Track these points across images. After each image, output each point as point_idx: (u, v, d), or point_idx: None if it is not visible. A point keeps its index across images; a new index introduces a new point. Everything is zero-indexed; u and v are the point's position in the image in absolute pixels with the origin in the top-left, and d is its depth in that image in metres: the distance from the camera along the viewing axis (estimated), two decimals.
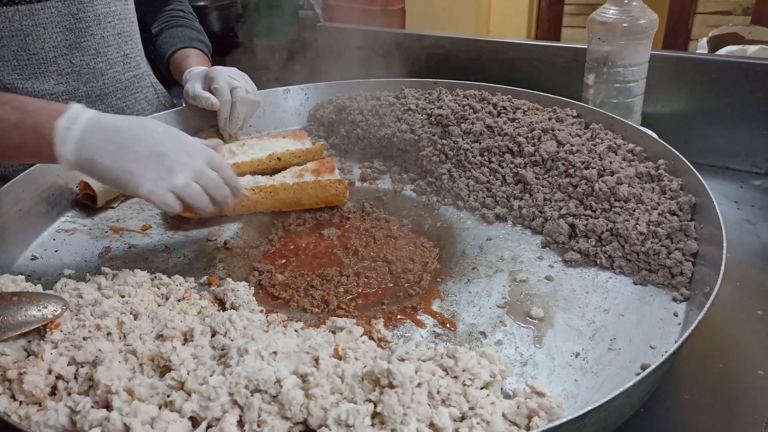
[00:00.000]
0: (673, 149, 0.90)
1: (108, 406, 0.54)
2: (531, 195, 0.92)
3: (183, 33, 1.29)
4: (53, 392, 0.59)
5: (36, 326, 0.63)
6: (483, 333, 0.71)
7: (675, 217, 0.80)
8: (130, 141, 0.73)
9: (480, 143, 1.01)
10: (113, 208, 1.01)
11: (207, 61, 1.27)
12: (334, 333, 0.67)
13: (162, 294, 0.75)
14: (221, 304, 0.75)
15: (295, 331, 0.67)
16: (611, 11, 1.09)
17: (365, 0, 2.50)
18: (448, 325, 0.72)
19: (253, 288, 0.79)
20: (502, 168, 0.97)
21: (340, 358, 0.60)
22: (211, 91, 1.10)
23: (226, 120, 1.10)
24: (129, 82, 1.22)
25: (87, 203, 1.00)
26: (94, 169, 0.73)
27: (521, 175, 0.94)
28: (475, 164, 0.99)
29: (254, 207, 0.98)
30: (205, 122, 1.19)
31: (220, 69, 1.12)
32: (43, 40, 1.04)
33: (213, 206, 0.79)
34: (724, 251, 0.68)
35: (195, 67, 1.18)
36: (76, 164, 0.73)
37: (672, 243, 0.77)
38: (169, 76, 1.30)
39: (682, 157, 0.87)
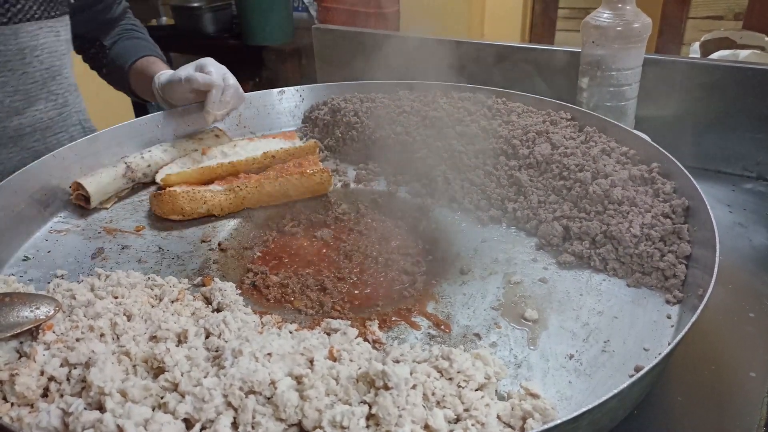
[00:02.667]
0: (666, 152, 0.90)
1: (101, 408, 0.54)
2: (525, 197, 0.92)
3: (140, 44, 1.29)
4: (45, 394, 0.58)
5: (28, 327, 0.62)
6: (477, 335, 0.71)
7: (668, 219, 0.81)
8: None
9: (475, 145, 1.01)
10: (106, 208, 1.01)
11: (168, 66, 1.25)
12: (328, 334, 0.67)
13: (155, 295, 0.74)
14: (209, 303, 0.75)
15: (290, 332, 0.67)
16: (605, 15, 1.09)
17: (360, 2, 2.50)
18: (442, 327, 0.72)
19: (243, 288, 0.79)
20: (497, 170, 0.97)
21: (334, 360, 0.60)
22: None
23: (215, 102, 1.08)
24: (52, 121, 1.16)
25: (80, 204, 0.99)
26: None
27: (516, 178, 0.94)
28: (470, 166, 0.99)
29: (242, 203, 0.99)
30: (181, 125, 1.18)
31: (210, 60, 1.12)
32: None
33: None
34: (717, 254, 0.68)
35: (168, 70, 1.17)
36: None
37: (665, 246, 0.78)
38: (125, 86, 1.28)
39: (675, 161, 0.88)
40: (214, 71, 1.09)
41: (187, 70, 1.10)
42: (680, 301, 0.73)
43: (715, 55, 1.74)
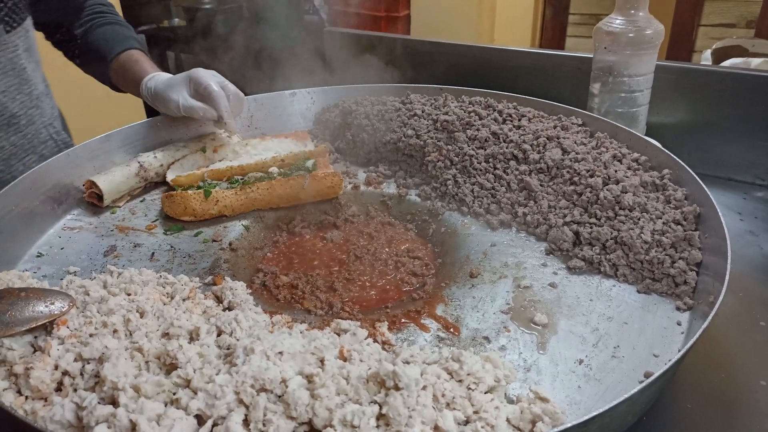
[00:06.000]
0: (677, 159, 0.90)
1: (114, 403, 0.54)
2: (536, 202, 0.92)
3: (115, 32, 1.17)
4: (59, 388, 0.59)
5: (43, 322, 0.63)
6: (487, 338, 0.71)
7: (679, 226, 0.80)
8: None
9: (485, 149, 1.01)
10: (119, 207, 1.02)
11: (152, 62, 1.17)
12: (338, 335, 0.68)
13: (167, 293, 0.75)
14: (220, 301, 0.76)
15: (300, 332, 0.67)
16: (617, 21, 1.10)
17: (371, 6, 2.51)
18: (451, 330, 0.73)
19: (253, 288, 0.80)
20: (507, 174, 0.97)
21: (345, 360, 0.61)
22: (200, 98, 1.03)
23: (229, 122, 1.04)
24: (15, 148, 1.06)
25: (93, 202, 1.00)
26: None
27: (526, 182, 0.94)
28: (480, 170, 1.00)
29: (253, 204, 0.99)
30: (194, 125, 1.17)
31: (202, 72, 1.03)
32: None
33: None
34: (729, 261, 0.68)
35: (156, 74, 1.10)
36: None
37: (676, 252, 0.78)
38: (105, 79, 1.20)
39: (687, 167, 0.88)
40: (215, 89, 1.00)
41: (185, 98, 1.02)
42: (691, 308, 0.73)
43: (726, 63, 1.73)
